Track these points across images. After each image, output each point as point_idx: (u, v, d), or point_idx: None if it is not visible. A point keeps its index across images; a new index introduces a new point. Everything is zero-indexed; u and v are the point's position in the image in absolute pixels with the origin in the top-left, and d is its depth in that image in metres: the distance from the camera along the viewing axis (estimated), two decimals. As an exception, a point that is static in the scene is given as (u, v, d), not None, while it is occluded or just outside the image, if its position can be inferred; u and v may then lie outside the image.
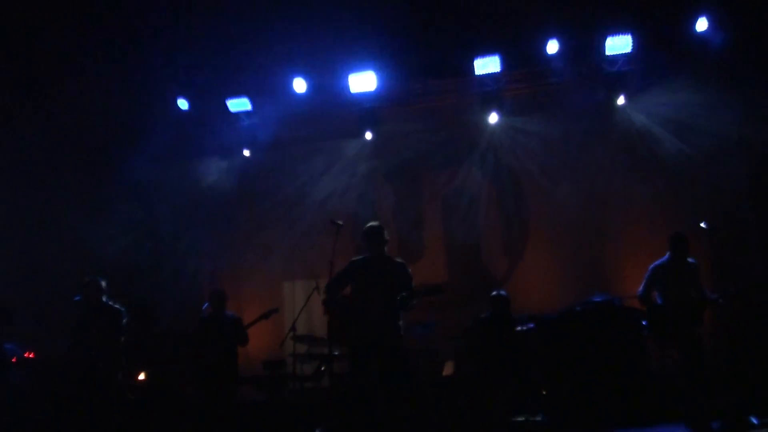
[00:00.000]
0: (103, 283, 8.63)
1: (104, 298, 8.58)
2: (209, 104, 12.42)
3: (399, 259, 7.48)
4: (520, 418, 6.07)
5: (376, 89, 11.88)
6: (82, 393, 8.22)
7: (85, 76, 11.48)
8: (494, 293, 9.17)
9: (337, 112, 12.54)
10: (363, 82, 11.77)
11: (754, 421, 7.43)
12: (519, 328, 8.37)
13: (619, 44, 11.03)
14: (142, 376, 10.87)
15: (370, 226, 7.43)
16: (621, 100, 11.49)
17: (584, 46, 11.33)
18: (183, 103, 12.28)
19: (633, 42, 10.96)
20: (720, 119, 10.89)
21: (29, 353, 10.08)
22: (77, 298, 8.52)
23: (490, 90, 11.81)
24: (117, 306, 8.60)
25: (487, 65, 11.41)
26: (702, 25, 10.72)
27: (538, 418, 5.89)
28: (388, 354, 7.06)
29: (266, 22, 11.06)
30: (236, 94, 12.22)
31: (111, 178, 12.36)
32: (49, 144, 12.01)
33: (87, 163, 12.41)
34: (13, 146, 11.82)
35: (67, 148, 12.19)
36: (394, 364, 7.05)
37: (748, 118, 10.69)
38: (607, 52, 11.16)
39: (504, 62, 11.38)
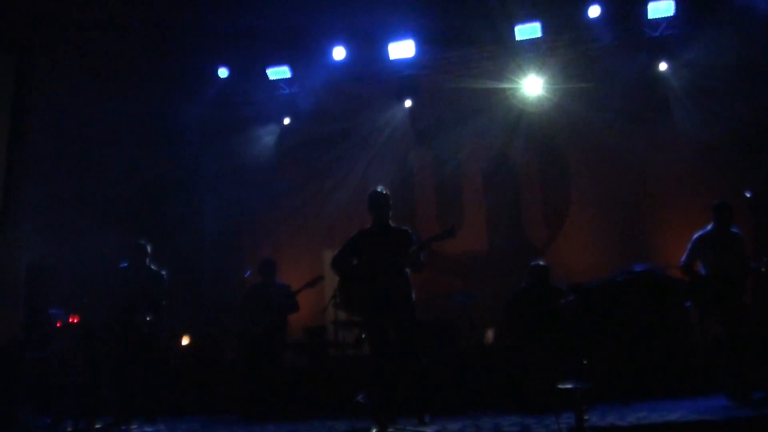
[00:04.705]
0: (149, 247, 8.78)
1: (148, 262, 8.73)
2: (249, 73, 12.48)
3: (404, 226, 7.35)
4: (565, 386, 6.07)
5: (415, 56, 11.87)
6: (126, 358, 8.36)
7: (127, 46, 11.55)
8: (534, 263, 9.16)
9: (376, 80, 12.53)
10: (402, 49, 11.76)
11: (797, 392, 7.39)
12: (562, 301, 8.36)
13: (661, 8, 10.90)
14: (185, 341, 11.05)
15: (375, 192, 7.28)
16: (663, 66, 11.36)
17: (626, 10, 11.21)
18: (223, 72, 12.35)
19: (675, 6, 10.82)
20: (763, 84, 10.73)
21: (73, 318, 10.24)
22: (123, 265, 8.67)
23: (531, 57, 11.74)
24: (160, 270, 8.75)
25: (528, 31, 11.34)
26: (747, -14, 10.57)
27: (583, 386, 5.89)
28: (401, 322, 7.00)
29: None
30: (276, 62, 12.27)
31: (151, 146, 12.42)
32: (90, 112, 12.11)
33: (126, 130, 12.48)
34: (55, 120, 11.95)
35: (108, 116, 12.28)
36: (408, 331, 7.03)
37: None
38: (650, 16, 11.02)
39: (545, 28, 11.30)
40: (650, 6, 10.88)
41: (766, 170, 10.66)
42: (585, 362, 7.61)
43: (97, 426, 8.02)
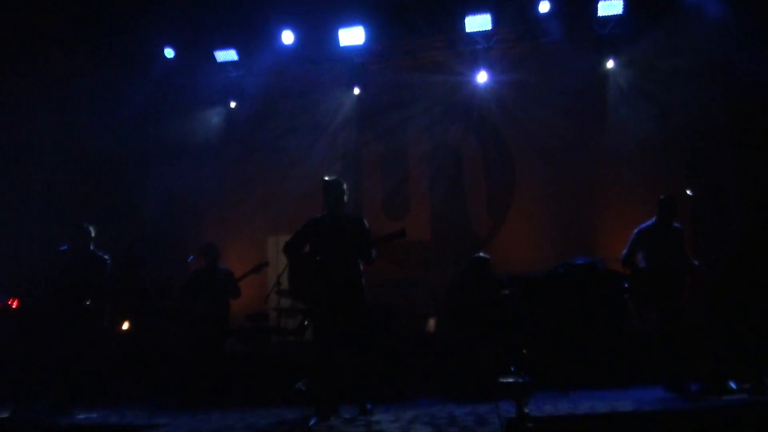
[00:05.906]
0: (92, 231, 8.64)
1: (92, 246, 8.59)
2: (196, 54, 12.29)
3: (356, 215, 7.41)
4: (506, 380, 6.12)
5: (365, 43, 11.81)
6: (66, 341, 8.24)
7: (69, 22, 11.33)
8: (474, 255, 9.21)
9: (324, 66, 12.48)
10: (352, 36, 11.70)
11: (733, 385, 7.55)
12: (505, 292, 8.43)
13: (610, 6, 11.01)
14: (125, 326, 10.87)
15: (328, 180, 7.31)
16: (610, 63, 11.49)
17: (576, 6, 11.30)
18: (169, 52, 12.15)
19: (624, 4, 10.94)
20: (708, 87, 10.96)
21: (12, 300, 10.04)
22: (63, 247, 8.51)
23: (480, 48, 11.80)
24: (103, 255, 8.61)
25: (479, 23, 11.37)
26: (694, -11, 10.74)
27: (524, 380, 5.94)
28: (351, 311, 7.07)
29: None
30: (224, 44, 12.10)
31: (93, 126, 12.15)
32: (28, 91, 11.84)
33: (68, 110, 12.20)
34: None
35: (48, 96, 12.01)
36: (357, 320, 7.08)
37: (736, 88, 10.73)
38: (599, 14, 11.12)
39: (495, 21, 11.35)
40: (600, 4, 10.97)
41: (705, 170, 10.90)
42: (524, 352, 7.71)
43: (37, 410, 7.90)
